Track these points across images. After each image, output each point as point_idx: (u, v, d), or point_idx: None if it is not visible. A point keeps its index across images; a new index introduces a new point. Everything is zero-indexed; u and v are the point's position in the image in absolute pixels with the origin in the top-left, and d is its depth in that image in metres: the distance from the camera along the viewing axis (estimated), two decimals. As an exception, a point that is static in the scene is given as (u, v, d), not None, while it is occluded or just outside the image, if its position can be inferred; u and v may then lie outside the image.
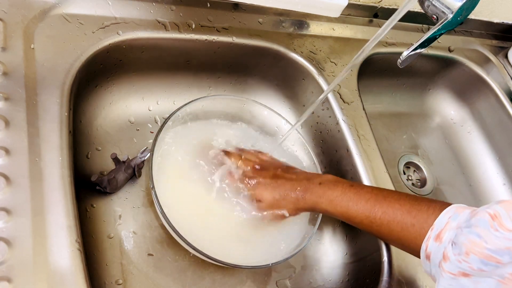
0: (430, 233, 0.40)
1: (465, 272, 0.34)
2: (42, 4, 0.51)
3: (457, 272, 0.35)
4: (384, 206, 0.45)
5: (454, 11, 0.47)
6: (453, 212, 0.39)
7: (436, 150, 0.89)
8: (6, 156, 0.42)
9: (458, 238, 0.36)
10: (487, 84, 0.86)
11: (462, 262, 0.34)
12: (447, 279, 0.36)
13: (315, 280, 0.64)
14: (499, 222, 0.33)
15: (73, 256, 0.40)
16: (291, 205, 0.52)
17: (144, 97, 0.65)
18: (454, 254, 0.35)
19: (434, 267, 0.39)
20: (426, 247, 0.40)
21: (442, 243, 0.38)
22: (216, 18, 0.62)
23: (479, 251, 0.33)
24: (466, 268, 0.34)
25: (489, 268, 0.32)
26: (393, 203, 0.45)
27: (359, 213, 0.46)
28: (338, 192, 0.48)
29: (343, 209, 0.47)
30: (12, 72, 0.46)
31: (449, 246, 0.37)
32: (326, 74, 0.68)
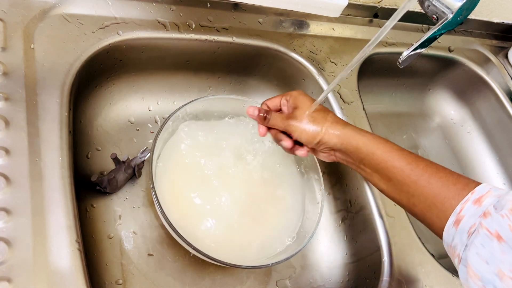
0: (470, 196, 0.38)
1: (500, 235, 0.33)
2: (42, 4, 0.51)
3: (495, 231, 0.33)
4: (427, 161, 0.44)
5: (454, 11, 0.47)
6: (492, 186, 0.38)
7: (436, 150, 0.89)
8: (6, 156, 0.42)
9: (503, 198, 0.34)
10: (487, 84, 0.86)
11: (505, 217, 0.33)
12: (482, 237, 0.34)
13: (315, 280, 0.63)
14: None
15: (73, 256, 0.40)
16: (327, 124, 0.48)
17: (144, 97, 0.65)
18: (497, 212, 0.34)
19: (459, 235, 0.37)
20: (460, 210, 0.37)
21: (482, 206, 0.36)
22: (216, 18, 0.62)
23: None
24: (505, 226, 0.32)
25: None
26: (435, 163, 0.44)
27: (402, 158, 0.45)
28: (379, 136, 0.48)
29: (386, 149, 0.46)
30: (12, 72, 0.46)
31: (491, 207, 0.35)
32: (326, 74, 0.67)
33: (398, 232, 0.59)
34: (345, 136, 0.48)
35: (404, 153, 0.45)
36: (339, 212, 0.67)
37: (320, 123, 0.48)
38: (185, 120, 0.58)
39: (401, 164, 0.44)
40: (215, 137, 0.59)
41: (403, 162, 0.44)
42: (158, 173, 0.53)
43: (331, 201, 0.69)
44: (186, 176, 0.55)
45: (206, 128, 0.60)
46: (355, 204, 0.64)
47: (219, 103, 0.61)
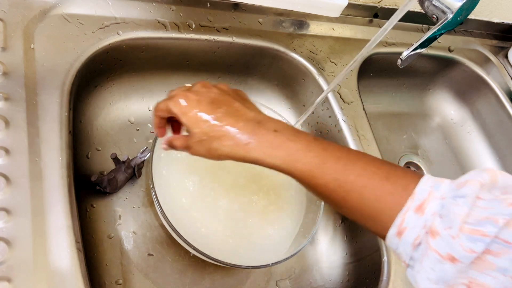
0: (410, 204, 0.32)
1: (454, 256, 0.29)
2: (42, 4, 0.51)
3: (446, 254, 0.29)
4: (358, 168, 0.36)
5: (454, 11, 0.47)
6: (433, 181, 0.33)
7: (436, 150, 0.89)
8: (6, 156, 0.42)
9: (449, 209, 0.30)
10: (487, 84, 0.86)
11: (456, 238, 0.29)
12: (432, 261, 0.30)
13: (315, 280, 0.63)
14: (484, 190, 0.30)
15: (73, 256, 0.40)
16: (224, 149, 0.38)
17: (144, 97, 0.65)
18: (445, 229, 0.30)
19: (403, 246, 0.33)
20: (402, 221, 0.33)
21: (424, 215, 0.32)
22: (216, 18, 0.62)
23: (466, 227, 0.29)
24: (458, 247, 0.29)
25: (479, 247, 0.28)
26: (368, 165, 0.36)
27: (325, 174, 0.36)
28: (301, 145, 0.37)
29: (305, 167, 0.36)
30: (12, 72, 0.46)
31: (436, 219, 0.31)
32: (326, 74, 0.68)
33: (398, 232, 0.59)
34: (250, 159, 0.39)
35: (327, 166, 0.36)
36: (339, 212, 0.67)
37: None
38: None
39: (326, 181, 0.37)
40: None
41: (327, 178, 0.36)
42: (158, 173, 0.53)
43: (331, 201, 0.69)
44: (186, 176, 0.55)
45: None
46: (355, 204, 0.64)
47: None
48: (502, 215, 0.28)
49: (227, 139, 0.38)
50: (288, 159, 0.37)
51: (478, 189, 0.30)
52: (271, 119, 0.40)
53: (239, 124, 0.38)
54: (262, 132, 0.38)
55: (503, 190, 0.31)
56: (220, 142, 0.38)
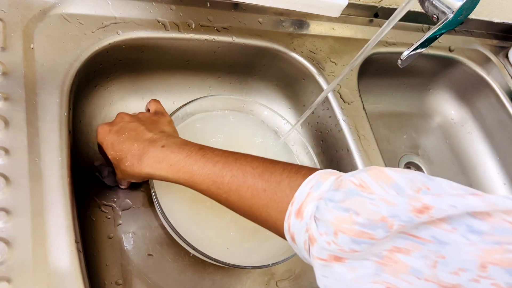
0: (291, 209, 0.33)
1: (338, 256, 0.28)
2: (42, 4, 0.51)
3: (328, 256, 0.29)
4: (234, 169, 0.38)
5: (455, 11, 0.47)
6: (315, 181, 0.33)
7: (437, 150, 0.89)
8: (6, 156, 0.42)
9: (323, 214, 0.29)
10: (487, 84, 0.86)
11: (331, 243, 0.28)
12: (319, 268, 0.30)
13: (315, 280, 0.63)
14: (369, 191, 0.28)
15: (73, 256, 0.40)
16: (127, 169, 0.44)
17: (144, 97, 0.65)
18: (321, 234, 0.29)
19: (300, 251, 0.33)
20: (288, 227, 0.33)
21: (304, 219, 0.32)
22: (216, 18, 0.62)
23: (348, 228, 0.27)
24: (337, 251, 0.28)
25: (363, 247, 0.27)
26: (244, 165, 0.38)
27: (205, 179, 0.39)
28: (182, 155, 0.41)
29: (186, 175, 0.40)
30: (11, 72, 0.46)
31: (312, 223, 0.30)
32: (326, 74, 0.67)
33: (398, 232, 0.58)
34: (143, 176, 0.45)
35: (205, 171, 0.40)
36: (339, 212, 0.67)
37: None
38: (185, 120, 0.58)
39: (207, 186, 0.40)
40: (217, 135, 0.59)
41: (207, 182, 0.40)
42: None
43: (331, 201, 0.68)
44: None
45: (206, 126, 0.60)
46: (355, 204, 0.64)
47: (219, 102, 0.61)
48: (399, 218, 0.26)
49: (126, 160, 0.44)
50: (171, 169, 0.41)
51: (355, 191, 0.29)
52: (166, 137, 0.45)
53: (134, 145, 0.44)
54: (151, 149, 0.43)
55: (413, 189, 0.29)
56: (123, 163, 0.45)
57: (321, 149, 0.71)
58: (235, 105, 0.61)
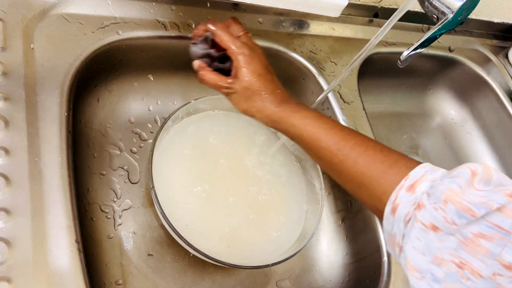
0: (404, 182, 0.36)
1: (436, 225, 0.32)
2: (42, 4, 0.51)
3: (429, 223, 0.32)
4: (358, 139, 0.42)
5: (454, 11, 0.47)
6: (429, 167, 0.37)
7: (437, 150, 0.89)
8: (6, 156, 0.42)
9: (436, 187, 0.33)
10: (487, 84, 0.86)
11: (439, 210, 0.32)
12: (418, 231, 0.33)
13: (315, 280, 0.63)
14: (477, 179, 0.32)
15: (73, 256, 0.40)
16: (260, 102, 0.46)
17: (144, 97, 0.65)
18: (430, 203, 0.33)
19: (397, 223, 0.36)
20: (395, 197, 0.36)
21: (415, 193, 0.35)
22: (216, 18, 0.62)
23: (458, 201, 0.31)
24: (440, 218, 0.32)
25: (462, 222, 0.31)
26: (367, 140, 0.42)
27: (330, 138, 0.43)
28: (314, 114, 0.45)
29: (314, 129, 0.44)
30: (12, 72, 0.46)
31: (424, 196, 0.34)
32: (326, 74, 0.67)
33: (398, 232, 0.59)
34: (274, 117, 0.46)
35: (332, 132, 0.44)
36: (339, 212, 0.67)
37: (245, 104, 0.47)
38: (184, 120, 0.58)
39: (328, 144, 0.43)
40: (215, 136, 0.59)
41: (330, 142, 0.43)
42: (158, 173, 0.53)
43: (331, 201, 0.69)
44: (187, 176, 0.55)
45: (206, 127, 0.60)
46: (355, 204, 0.64)
47: (219, 103, 0.61)
48: (496, 201, 0.30)
49: (266, 98, 0.47)
50: (303, 122, 0.45)
51: (469, 174, 0.33)
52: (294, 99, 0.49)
53: (277, 91, 0.48)
54: (290, 100, 0.48)
55: (498, 185, 0.33)
56: (260, 97, 0.47)
57: (321, 149, 0.71)
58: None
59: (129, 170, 0.60)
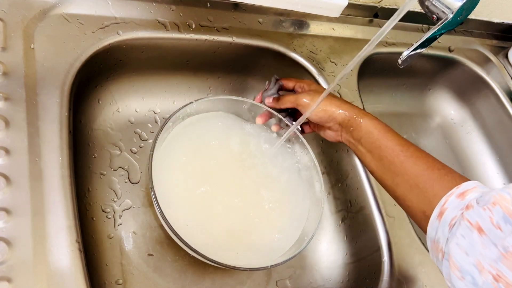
0: (455, 190, 0.39)
1: (481, 227, 0.33)
2: (42, 4, 0.51)
3: (475, 222, 0.34)
4: (418, 148, 0.47)
5: (454, 11, 0.47)
6: (480, 184, 0.39)
7: (436, 150, 0.89)
8: (6, 156, 0.42)
9: (486, 194, 0.35)
10: (487, 84, 0.86)
11: (486, 210, 0.33)
12: (463, 228, 0.35)
13: (315, 280, 0.63)
14: None
15: (73, 256, 0.40)
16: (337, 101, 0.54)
17: (144, 97, 0.65)
18: (479, 205, 0.34)
19: (442, 227, 0.38)
20: (444, 202, 0.39)
21: (464, 200, 0.37)
22: (216, 18, 0.62)
23: (506, 206, 0.32)
24: (487, 218, 0.33)
25: (507, 229, 0.31)
26: (425, 152, 0.47)
27: (395, 139, 0.48)
28: (379, 120, 0.52)
29: (383, 129, 0.50)
30: (12, 72, 0.46)
31: (473, 200, 0.36)
32: (326, 74, 0.67)
33: (398, 232, 0.59)
34: (353, 112, 0.52)
35: (398, 137, 0.49)
36: (339, 212, 0.67)
37: (330, 100, 0.53)
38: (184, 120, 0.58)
39: (393, 144, 0.48)
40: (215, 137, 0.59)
41: (395, 143, 0.48)
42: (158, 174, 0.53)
43: (331, 201, 0.69)
44: (186, 177, 0.55)
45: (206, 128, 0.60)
46: (355, 204, 0.64)
47: (219, 104, 0.61)
48: None
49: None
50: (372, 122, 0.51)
51: None
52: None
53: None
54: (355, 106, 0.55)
55: None
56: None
57: (321, 149, 0.71)
58: (236, 105, 0.61)
59: (129, 170, 0.60)
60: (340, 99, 0.55)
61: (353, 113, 0.52)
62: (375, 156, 0.49)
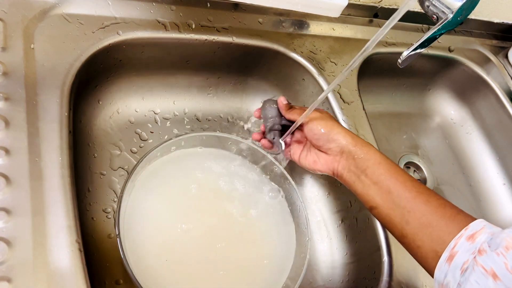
0: (464, 232, 0.38)
1: (496, 273, 0.33)
2: (42, 4, 0.51)
3: (490, 269, 0.33)
4: (426, 186, 0.45)
5: (454, 11, 0.47)
6: (487, 223, 0.38)
7: (436, 150, 0.89)
8: (6, 156, 0.42)
9: (497, 236, 0.34)
10: (487, 84, 0.86)
11: (500, 255, 0.33)
12: (477, 274, 0.34)
13: (315, 280, 0.63)
14: None
15: (73, 256, 0.40)
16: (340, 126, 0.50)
17: (144, 97, 0.65)
18: (491, 250, 0.34)
19: (452, 271, 0.37)
20: (454, 245, 0.37)
21: (475, 243, 0.36)
22: (216, 18, 0.62)
23: None
24: (501, 264, 0.32)
25: None
26: (432, 192, 0.45)
27: (405, 174, 0.46)
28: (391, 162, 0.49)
29: (391, 163, 0.47)
30: (12, 72, 0.46)
31: (484, 244, 0.35)
32: (326, 74, 0.67)
33: (398, 232, 0.59)
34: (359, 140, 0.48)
35: (407, 173, 0.47)
36: (339, 212, 0.67)
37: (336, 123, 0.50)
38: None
39: (404, 179, 0.45)
40: (193, 175, 0.58)
41: (406, 178, 0.45)
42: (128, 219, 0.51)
43: (331, 201, 0.69)
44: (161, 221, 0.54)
45: (183, 164, 0.59)
46: (355, 204, 0.64)
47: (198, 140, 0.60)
48: None
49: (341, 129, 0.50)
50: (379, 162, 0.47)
51: None
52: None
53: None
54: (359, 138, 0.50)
55: None
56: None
57: (321, 149, 0.71)
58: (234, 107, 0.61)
59: (129, 170, 0.60)
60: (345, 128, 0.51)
61: (359, 141, 0.48)
62: (383, 189, 0.46)
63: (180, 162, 0.59)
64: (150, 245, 0.51)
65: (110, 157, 0.60)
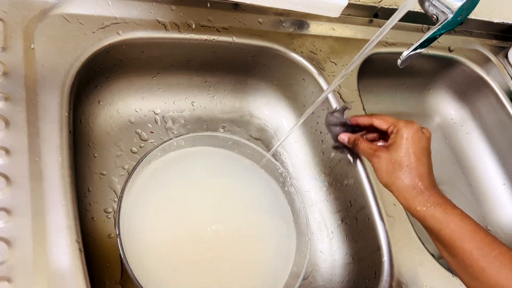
0: None
1: None
2: (42, 4, 0.51)
3: None
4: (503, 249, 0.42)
5: (454, 11, 0.47)
6: None
7: (436, 150, 0.89)
8: (6, 156, 0.42)
9: None
10: (487, 84, 0.86)
11: None
12: None
13: (315, 280, 0.63)
14: None
15: (73, 256, 0.40)
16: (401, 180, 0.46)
17: (144, 97, 0.65)
18: None
19: None
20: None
21: None
22: (216, 18, 0.62)
23: None
24: None
25: None
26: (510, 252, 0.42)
27: (473, 240, 0.42)
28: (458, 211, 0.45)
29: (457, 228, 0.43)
30: (12, 72, 0.46)
31: None
32: (326, 74, 0.67)
33: (398, 232, 0.59)
34: (414, 201, 0.45)
35: (477, 235, 0.42)
36: (339, 212, 0.67)
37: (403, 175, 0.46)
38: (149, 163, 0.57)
39: (471, 247, 0.42)
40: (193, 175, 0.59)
41: (473, 245, 0.42)
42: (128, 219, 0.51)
43: (331, 201, 0.69)
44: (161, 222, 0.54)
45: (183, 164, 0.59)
46: (355, 204, 0.64)
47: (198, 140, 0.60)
48: None
49: (410, 178, 0.46)
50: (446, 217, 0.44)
51: None
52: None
53: (425, 176, 0.46)
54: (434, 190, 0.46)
55: None
56: (403, 176, 0.46)
57: (320, 149, 0.71)
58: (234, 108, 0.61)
59: (129, 170, 0.60)
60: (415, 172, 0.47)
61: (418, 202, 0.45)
62: (449, 251, 0.44)
63: (180, 162, 0.59)
64: (150, 245, 0.51)
65: (110, 157, 0.60)
